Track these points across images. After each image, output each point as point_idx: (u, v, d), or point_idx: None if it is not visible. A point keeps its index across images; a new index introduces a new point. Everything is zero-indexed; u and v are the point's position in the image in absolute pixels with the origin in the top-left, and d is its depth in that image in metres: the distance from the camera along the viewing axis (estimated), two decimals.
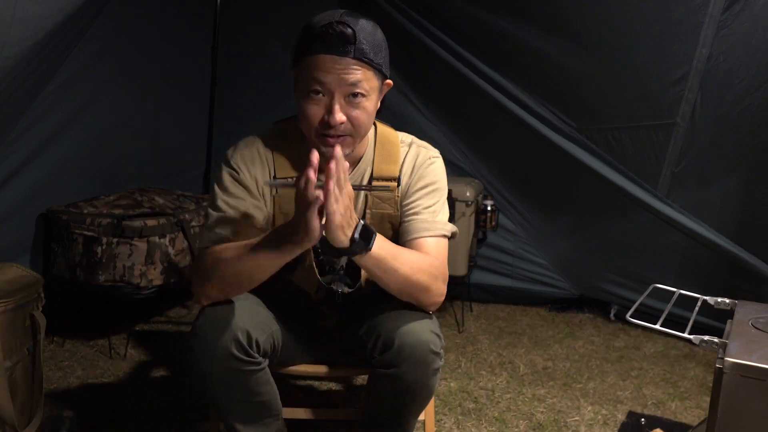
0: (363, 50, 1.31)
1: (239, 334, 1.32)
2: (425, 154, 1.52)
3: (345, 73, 1.31)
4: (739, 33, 2.43)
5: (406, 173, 1.50)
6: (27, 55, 1.69)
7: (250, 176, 1.44)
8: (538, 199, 3.07)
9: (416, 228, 1.46)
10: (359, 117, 1.35)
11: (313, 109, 1.34)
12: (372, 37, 1.33)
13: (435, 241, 1.45)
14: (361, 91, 1.33)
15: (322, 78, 1.31)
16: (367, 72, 1.33)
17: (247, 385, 1.38)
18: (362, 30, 1.32)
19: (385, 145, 1.51)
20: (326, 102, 1.33)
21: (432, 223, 1.47)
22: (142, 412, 2.02)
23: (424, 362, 1.36)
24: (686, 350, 2.69)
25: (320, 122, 1.35)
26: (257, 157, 1.46)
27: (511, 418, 2.10)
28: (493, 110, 2.94)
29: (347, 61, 1.31)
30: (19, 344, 1.65)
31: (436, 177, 1.51)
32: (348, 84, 1.32)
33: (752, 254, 2.60)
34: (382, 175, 1.49)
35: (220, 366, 1.33)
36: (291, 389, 2.21)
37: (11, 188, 2.29)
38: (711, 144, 2.61)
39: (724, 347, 1.35)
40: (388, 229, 1.51)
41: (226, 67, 3.20)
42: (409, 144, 1.54)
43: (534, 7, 2.72)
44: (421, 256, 1.41)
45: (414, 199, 1.49)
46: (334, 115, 1.33)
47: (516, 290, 3.12)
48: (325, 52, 1.30)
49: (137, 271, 2.35)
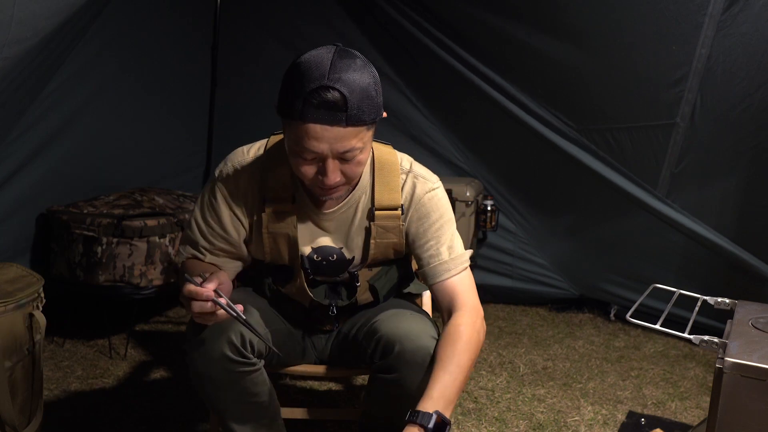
0: (355, 115, 1.21)
1: (233, 336, 1.33)
2: (423, 186, 1.45)
3: (337, 142, 1.23)
4: (739, 33, 2.43)
5: (406, 202, 1.45)
6: (27, 56, 1.69)
7: (227, 206, 1.43)
8: (538, 199, 3.07)
9: (441, 271, 1.43)
10: (354, 170, 1.30)
11: (305, 169, 1.28)
12: (363, 94, 1.22)
13: (460, 278, 1.43)
14: (355, 152, 1.26)
15: (313, 147, 1.23)
16: (359, 132, 1.25)
17: (243, 386, 1.38)
18: (352, 90, 1.20)
19: (384, 173, 1.44)
20: (318, 164, 1.27)
21: (453, 261, 1.44)
22: (141, 412, 2.02)
23: (423, 367, 1.35)
24: (686, 350, 2.69)
25: (314, 178, 1.30)
26: (243, 180, 1.42)
27: (511, 418, 2.10)
28: (493, 110, 2.94)
29: (338, 130, 1.22)
30: (19, 344, 1.65)
31: (442, 209, 1.46)
32: (341, 152, 1.25)
33: (752, 254, 2.60)
34: (383, 205, 1.43)
35: (216, 368, 1.34)
36: (291, 389, 2.21)
37: (11, 188, 2.29)
38: (711, 144, 2.60)
39: (724, 347, 1.35)
40: (391, 252, 1.50)
41: (226, 67, 3.20)
42: (407, 172, 1.46)
43: (534, 8, 2.72)
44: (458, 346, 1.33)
45: (427, 239, 1.45)
46: (329, 177, 1.27)
47: (516, 290, 3.12)
48: (314, 121, 1.20)
49: (137, 271, 2.35)
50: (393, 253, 1.50)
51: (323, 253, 1.46)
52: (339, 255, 1.46)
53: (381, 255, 1.49)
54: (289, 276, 1.48)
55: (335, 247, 1.46)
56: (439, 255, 1.43)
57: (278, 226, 1.42)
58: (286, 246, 1.44)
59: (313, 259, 1.45)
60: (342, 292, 1.52)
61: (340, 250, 1.46)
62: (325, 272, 1.48)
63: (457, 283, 1.43)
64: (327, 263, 1.46)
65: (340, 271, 1.48)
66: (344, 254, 1.47)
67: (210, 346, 1.33)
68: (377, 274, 1.52)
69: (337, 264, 1.47)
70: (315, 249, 1.46)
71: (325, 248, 1.46)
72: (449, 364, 1.31)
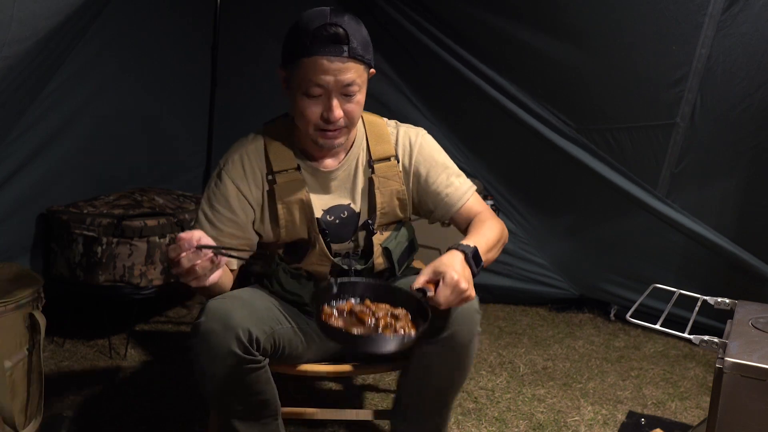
0: (355, 49, 1.40)
1: (240, 332, 1.34)
2: (415, 132, 1.62)
3: (341, 74, 1.39)
4: (739, 33, 2.43)
5: (405, 152, 1.60)
6: (27, 55, 1.69)
7: (235, 188, 1.50)
8: (538, 199, 3.06)
9: (456, 198, 1.59)
10: (354, 110, 1.45)
11: (311, 109, 1.43)
12: (360, 35, 1.42)
13: (473, 200, 1.61)
14: (355, 87, 1.42)
15: (321, 80, 1.39)
16: (359, 68, 1.42)
17: (248, 383, 1.39)
18: (352, 28, 1.39)
19: (374, 128, 1.60)
20: (323, 101, 1.42)
21: (461, 188, 1.60)
22: (142, 412, 2.02)
23: (472, 321, 1.44)
24: (686, 350, 2.69)
25: (318, 121, 1.44)
26: (247, 162, 1.51)
27: (511, 418, 2.10)
28: (493, 110, 2.94)
29: (342, 61, 1.39)
30: (19, 344, 1.65)
31: (435, 147, 1.63)
32: (344, 84, 1.40)
33: (752, 254, 2.60)
34: (379, 156, 1.58)
35: (222, 364, 1.34)
36: (291, 389, 2.20)
37: (11, 188, 2.29)
38: (711, 144, 2.60)
39: (724, 347, 1.35)
40: (396, 203, 1.60)
41: (226, 67, 3.19)
42: (395, 126, 1.63)
43: (534, 8, 2.72)
44: (485, 225, 1.53)
45: (438, 174, 1.59)
46: (333, 112, 1.42)
47: (516, 290, 3.11)
48: (320, 54, 1.37)
49: (137, 271, 2.35)
50: (398, 204, 1.60)
51: (335, 212, 1.56)
52: (349, 211, 1.57)
53: (388, 206, 1.58)
54: (306, 247, 1.54)
55: (344, 204, 1.57)
56: (451, 185, 1.60)
57: (291, 195, 1.51)
58: (301, 213, 1.51)
59: (326, 220, 1.54)
60: (359, 258, 1.59)
61: (348, 206, 1.57)
62: (340, 232, 1.56)
63: (473, 204, 1.61)
64: (340, 221, 1.56)
65: (353, 228, 1.57)
66: (353, 209, 1.57)
67: (217, 342, 1.34)
68: (388, 238, 1.60)
69: (348, 220, 1.57)
70: (326, 210, 1.55)
71: (335, 207, 1.56)
72: (479, 232, 1.49)
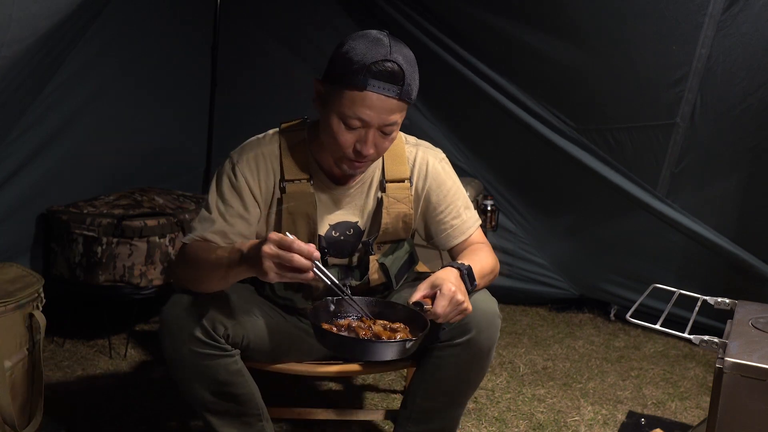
0: (408, 92, 1.35)
1: (203, 319, 1.35)
2: (433, 155, 1.59)
3: (386, 113, 1.35)
4: (739, 33, 2.43)
5: (420, 176, 1.56)
6: (26, 55, 1.69)
7: (247, 186, 1.46)
8: (538, 199, 3.06)
9: (460, 232, 1.59)
10: (386, 146, 1.43)
11: (345, 137, 1.38)
12: (414, 74, 1.36)
13: (476, 235, 1.62)
14: (395, 126, 1.39)
15: (365, 115, 1.34)
16: (404, 108, 1.39)
17: (214, 371, 1.39)
18: (409, 68, 1.34)
19: (392, 147, 1.54)
20: (360, 132, 1.37)
21: (468, 221, 1.60)
22: (142, 412, 2.02)
23: (493, 325, 1.45)
24: (686, 350, 2.69)
25: (349, 149, 1.39)
26: (262, 163, 1.48)
27: (511, 418, 2.10)
28: (494, 110, 2.94)
29: (391, 102, 1.34)
30: (19, 344, 1.65)
31: (453, 175, 1.61)
32: (387, 123, 1.37)
33: (752, 254, 2.60)
34: (393, 177, 1.54)
35: (185, 349, 1.35)
36: (290, 389, 2.20)
37: (11, 188, 2.29)
38: (711, 144, 2.60)
39: (724, 347, 1.35)
40: (401, 225, 1.57)
41: (226, 67, 3.19)
42: (415, 145, 1.58)
43: (534, 8, 2.72)
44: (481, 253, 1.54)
45: (447, 204, 1.58)
46: (368, 147, 1.38)
47: (516, 290, 3.11)
48: (372, 90, 1.32)
49: (137, 271, 2.35)
50: (402, 226, 1.57)
51: (341, 228, 1.54)
52: (355, 228, 1.55)
53: (392, 227, 1.55)
54: None
55: (352, 221, 1.55)
56: (460, 216, 1.59)
57: (298, 206, 1.48)
58: (305, 226, 1.48)
59: (331, 235, 1.52)
60: (354, 273, 1.57)
61: (356, 223, 1.55)
62: (341, 248, 1.54)
63: (475, 239, 1.61)
64: (344, 238, 1.54)
65: (355, 245, 1.55)
66: (359, 227, 1.55)
67: (179, 326, 1.35)
68: (385, 252, 1.58)
69: (352, 237, 1.55)
70: (333, 226, 1.53)
71: (343, 223, 1.54)
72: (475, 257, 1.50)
